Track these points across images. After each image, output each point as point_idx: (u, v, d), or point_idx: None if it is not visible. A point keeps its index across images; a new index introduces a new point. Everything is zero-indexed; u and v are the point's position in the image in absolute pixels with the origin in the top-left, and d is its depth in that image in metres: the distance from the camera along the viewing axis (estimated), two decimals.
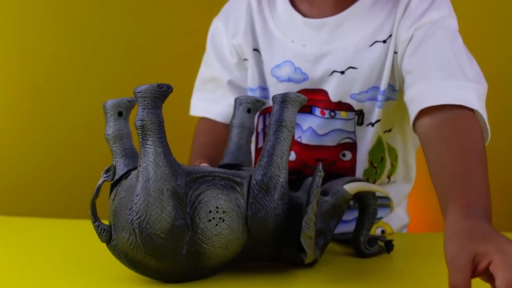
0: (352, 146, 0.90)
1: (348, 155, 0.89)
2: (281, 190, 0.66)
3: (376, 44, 0.86)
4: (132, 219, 0.60)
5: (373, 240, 0.78)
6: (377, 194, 0.77)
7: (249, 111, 0.78)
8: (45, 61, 1.38)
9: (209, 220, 0.63)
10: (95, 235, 0.64)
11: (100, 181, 0.63)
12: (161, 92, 0.61)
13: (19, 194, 1.40)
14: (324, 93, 0.88)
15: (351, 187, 0.74)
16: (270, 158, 0.66)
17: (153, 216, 0.60)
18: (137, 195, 0.60)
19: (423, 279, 0.68)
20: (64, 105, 1.43)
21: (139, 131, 0.61)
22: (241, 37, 0.92)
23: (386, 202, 0.89)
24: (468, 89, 0.76)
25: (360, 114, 0.88)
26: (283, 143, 0.67)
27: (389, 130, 0.91)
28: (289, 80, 0.89)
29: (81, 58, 1.38)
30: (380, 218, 0.92)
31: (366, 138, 0.89)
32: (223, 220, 0.64)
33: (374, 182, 0.91)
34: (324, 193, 0.74)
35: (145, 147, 0.61)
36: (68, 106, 1.39)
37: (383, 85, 0.86)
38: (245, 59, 0.94)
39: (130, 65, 1.35)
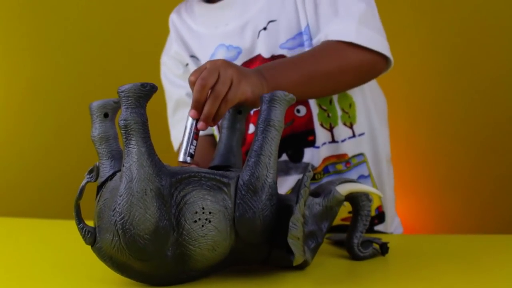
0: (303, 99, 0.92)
1: (303, 110, 0.92)
2: (269, 191, 0.65)
3: None
4: (116, 220, 0.59)
5: (368, 242, 0.76)
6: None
7: (239, 112, 0.77)
8: (35, 64, 1.38)
9: (195, 221, 0.62)
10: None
11: (83, 182, 0.62)
12: (145, 92, 0.60)
13: (5, 195, 1.40)
14: (260, 57, 0.93)
15: (344, 188, 0.73)
16: (257, 158, 0.65)
17: (136, 216, 0.59)
18: (120, 196, 0.59)
19: (419, 282, 0.66)
20: (56, 107, 1.43)
21: (122, 131, 0.60)
22: (175, 46, 1.01)
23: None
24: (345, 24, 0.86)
25: None
26: (271, 143, 0.66)
27: None
28: None
29: (74, 59, 1.38)
30: None
31: None
32: (210, 221, 0.63)
33: (332, 128, 0.92)
34: (316, 194, 0.73)
35: (128, 147, 0.60)
36: (61, 108, 1.39)
37: (303, 25, 0.91)
38: (187, 64, 1.01)
39: (127, 65, 1.35)
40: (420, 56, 1.61)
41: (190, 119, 0.72)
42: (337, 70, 0.83)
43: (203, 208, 0.62)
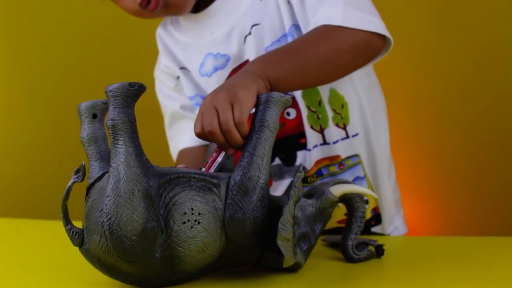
0: (292, 102, 0.89)
1: (293, 113, 0.90)
2: (260, 192, 0.64)
3: None
4: (103, 221, 0.58)
5: (363, 244, 0.75)
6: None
7: None
8: (24, 64, 1.38)
9: (184, 223, 0.61)
10: None
11: (70, 183, 0.61)
12: (133, 91, 0.59)
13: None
14: (247, 62, 0.91)
15: (337, 190, 0.72)
16: (250, 159, 0.64)
17: (123, 217, 0.58)
18: (107, 196, 0.58)
19: (413, 286, 0.65)
20: (53, 108, 1.43)
21: (110, 131, 0.59)
22: (164, 59, 1.01)
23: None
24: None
25: None
26: (265, 144, 0.65)
27: None
28: (215, 69, 0.94)
29: (65, 59, 1.37)
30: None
31: None
32: (199, 223, 0.62)
33: (322, 130, 0.90)
34: (309, 196, 0.72)
35: (116, 147, 0.59)
36: (58, 108, 1.39)
37: (287, 26, 0.89)
38: (178, 77, 1.00)
39: (123, 65, 1.34)
40: (426, 54, 1.60)
41: (220, 154, 0.70)
42: (331, 51, 0.80)
43: (192, 209, 0.62)
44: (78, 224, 0.63)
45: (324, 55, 0.79)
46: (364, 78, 0.95)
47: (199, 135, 0.69)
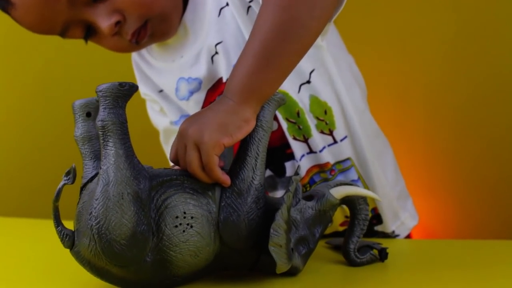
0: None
1: (274, 124, 0.86)
2: (255, 193, 0.62)
3: (222, 10, 0.85)
4: (92, 224, 0.57)
5: (366, 247, 0.73)
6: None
7: None
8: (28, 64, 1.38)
9: (176, 226, 0.60)
10: None
11: (60, 184, 0.60)
12: (123, 91, 0.58)
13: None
14: (222, 81, 0.87)
15: (338, 192, 0.70)
16: (243, 159, 0.63)
17: (112, 221, 0.56)
18: (96, 199, 0.57)
19: None
20: (52, 106, 1.43)
21: (100, 132, 0.58)
22: (142, 87, 0.97)
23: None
24: None
25: None
26: (258, 144, 0.63)
27: None
28: (191, 93, 0.90)
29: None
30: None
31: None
32: (191, 226, 0.60)
33: (306, 140, 0.87)
34: (309, 198, 0.70)
35: (106, 149, 0.58)
36: (57, 107, 1.39)
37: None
38: (156, 102, 0.97)
39: (122, 64, 1.33)
40: (441, 53, 1.56)
41: None
42: (306, 17, 0.67)
43: (184, 213, 0.60)
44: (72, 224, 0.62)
45: (304, 23, 0.67)
46: (348, 75, 0.90)
47: (174, 166, 0.66)
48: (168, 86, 0.94)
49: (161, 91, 0.96)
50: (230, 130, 0.62)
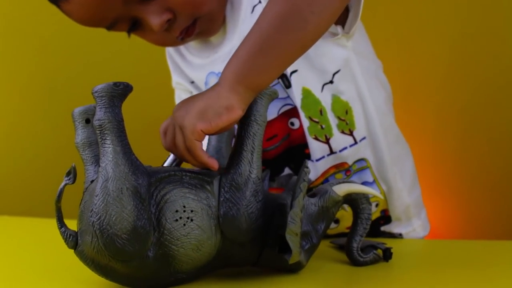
0: (294, 111, 0.86)
1: (296, 123, 0.86)
2: (253, 187, 0.63)
3: (255, 7, 0.86)
4: (93, 221, 0.58)
5: (370, 247, 0.73)
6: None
7: None
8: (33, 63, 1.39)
9: (176, 220, 0.60)
10: None
11: (61, 185, 0.61)
12: (118, 91, 0.60)
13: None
14: None
15: (341, 189, 0.70)
16: (239, 154, 0.64)
17: (113, 216, 0.58)
18: (96, 196, 0.58)
19: None
20: (56, 106, 1.44)
21: (97, 131, 0.60)
22: (175, 77, 1.00)
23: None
24: None
25: (282, 76, 0.85)
26: (254, 138, 0.65)
27: None
28: None
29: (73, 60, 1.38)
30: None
31: (297, 95, 0.86)
32: (192, 220, 0.61)
33: (328, 140, 0.87)
34: (312, 195, 0.70)
35: (104, 147, 0.59)
36: (60, 107, 1.40)
37: None
38: (191, 92, 0.99)
39: (123, 67, 1.35)
40: (452, 55, 1.57)
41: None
42: (306, 10, 0.68)
43: (184, 207, 0.61)
44: (75, 224, 0.63)
45: (303, 17, 0.67)
46: (373, 77, 0.92)
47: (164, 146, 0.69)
48: (198, 79, 0.96)
49: (192, 82, 0.98)
50: (209, 117, 0.63)
